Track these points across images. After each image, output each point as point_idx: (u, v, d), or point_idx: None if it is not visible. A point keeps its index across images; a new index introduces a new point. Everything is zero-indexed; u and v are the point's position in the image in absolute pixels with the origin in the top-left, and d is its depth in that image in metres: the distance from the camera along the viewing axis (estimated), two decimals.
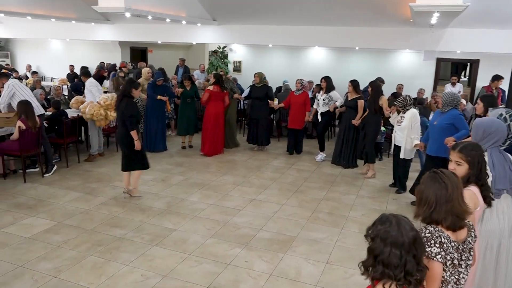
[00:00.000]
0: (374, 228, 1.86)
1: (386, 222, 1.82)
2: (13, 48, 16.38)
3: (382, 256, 1.77)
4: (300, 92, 8.14)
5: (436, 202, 2.03)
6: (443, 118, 5.21)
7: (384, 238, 1.78)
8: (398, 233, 1.76)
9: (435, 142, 5.24)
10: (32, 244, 4.34)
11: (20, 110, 6.13)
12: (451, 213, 2.03)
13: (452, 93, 5.23)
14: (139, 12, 8.09)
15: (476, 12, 7.86)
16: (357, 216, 5.39)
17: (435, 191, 2.04)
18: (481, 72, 10.61)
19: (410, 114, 6.00)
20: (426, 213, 2.07)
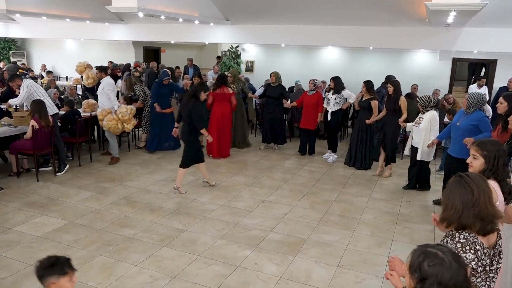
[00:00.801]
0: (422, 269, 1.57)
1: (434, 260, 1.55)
2: (29, 48, 16.63)
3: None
4: (313, 93, 8.06)
5: (462, 207, 1.99)
6: (468, 120, 5.08)
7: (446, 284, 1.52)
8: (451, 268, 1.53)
9: (458, 143, 5.10)
10: (43, 243, 4.37)
11: (33, 109, 6.19)
12: (479, 217, 1.97)
13: (478, 94, 5.09)
14: (152, 12, 8.11)
15: (494, 11, 7.67)
16: (369, 218, 5.29)
17: (461, 196, 2.00)
18: (498, 73, 10.37)
19: (429, 115, 5.90)
20: (453, 218, 2.01)
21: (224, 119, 7.86)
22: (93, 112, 7.68)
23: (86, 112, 7.75)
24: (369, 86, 7.26)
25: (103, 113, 7.15)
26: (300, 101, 8.21)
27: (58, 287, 2.03)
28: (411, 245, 4.55)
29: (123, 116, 7.14)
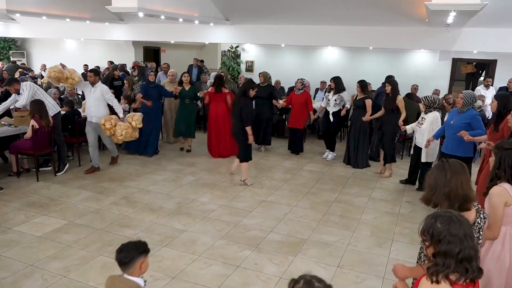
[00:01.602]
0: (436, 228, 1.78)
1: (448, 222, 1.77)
2: (29, 48, 16.63)
3: (464, 253, 1.72)
4: (301, 92, 8.13)
5: (436, 186, 2.27)
6: (461, 118, 5.21)
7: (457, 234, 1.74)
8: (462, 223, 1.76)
9: (451, 141, 5.27)
10: (43, 243, 4.37)
11: (33, 109, 6.18)
12: (448, 197, 2.24)
13: (472, 93, 5.21)
14: (152, 12, 8.11)
15: (494, 11, 7.68)
16: (369, 219, 5.29)
17: (436, 177, 2.29)
18: (498, 73, 10.37)
19: (432, 116, 5.95)
20: (427, 196, 2.32)
21: (220, 119, 7.80)
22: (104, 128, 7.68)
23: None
24: (363, 85, 7.35)
25: (112, 122, 6.54)
26: (289, 100, 8.28)
27: (145, 264, 2.30)
28: (411, 245, 4.56)
29: (137, 123, 6.77)
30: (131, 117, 6.81)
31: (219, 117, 7.82)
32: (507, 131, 4.49)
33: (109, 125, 6.51)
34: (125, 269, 2.27)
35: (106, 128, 6.51)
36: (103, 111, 6.65)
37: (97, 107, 6.61)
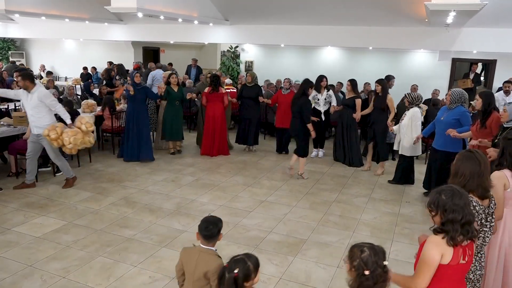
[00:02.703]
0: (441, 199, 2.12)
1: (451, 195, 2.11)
2: (28, 48, 16.62)
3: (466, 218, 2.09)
4: (288, 92, 8.14)
5: (470, 176, 2.50)
6: (450, 114, 5.49)
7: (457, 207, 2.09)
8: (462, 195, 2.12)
9: (441, 137, 5.55)
10: (42, 243, 4.35)
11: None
12: (481, 186, 2.50)
13: (460, 91, 5.52)
14: (151, 12, 8.10)
15: (494, 11, 7.68)
16: (369, 219, 5.29)
17: (470, 167, 2.51)
18: (498, 73, 10.38)
19: (411, 112, 6.20)
20: (460, 184, 2.45)
21: (217, 119, 7.80)
22: (92, 113, 7.66)
23: (86, 112, 7.73)
24: (354, 84, 7.49)
25: (57, 130, 5.57)
26: (275, 99, 8.29)
27: (220, 237, 2.62)
28: (411, 245, 4.55)
29: (88, 127, 5.84)
30: (79, 120, 5.90)
31: (217, 117, 7.79)
32: (495, 127, 4.69)
33: (54, 135, 5.53)
34: (210, 241, 2.53)
35: (51, 139, 5.55)
36: (47, 120, 5.66)
37: (38, 116, 5.63)
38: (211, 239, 2.53)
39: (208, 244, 2.54)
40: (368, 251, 1.95)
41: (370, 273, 1.92)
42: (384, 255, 1.98)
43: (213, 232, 2.52)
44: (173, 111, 7.87)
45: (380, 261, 1.94)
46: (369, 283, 1.92)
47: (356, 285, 1.96)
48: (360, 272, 1.94)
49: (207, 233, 2.51)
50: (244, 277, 2.14)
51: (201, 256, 2.50)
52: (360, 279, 1.94)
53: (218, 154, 7.98)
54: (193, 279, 2.50)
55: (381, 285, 1.95)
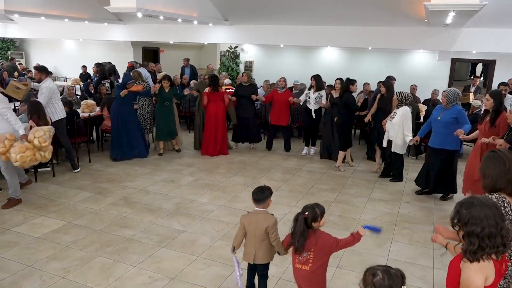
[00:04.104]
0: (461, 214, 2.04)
1: (469, 207, 2.02)
2: (27, 48, 16.61)
3: (486, 231, 1.96)
4: (283, 90, 8.26)
5: (497, 175, 2.53)
6: (447, 113, 5.61)
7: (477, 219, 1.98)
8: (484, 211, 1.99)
9: (439, 136, 5.70)
10: (42, 244, 4.35)
11: (31, 110, 6.16)
12: (510, 182, 2.51)
13: (455, 90, 5.67)
14: (151, 12, 8.10)
15: (493, 11, 7.69)
16: (368, 219, 5.29)
17: (495, 166, 2.54)
18: (497, 73, 10.38)
19: (402, 111, 6.33)
20: (490, 184, 2.55)
21: (219, 118, 7.86)
22: (92, 113, 7.66)
23: (85, 112, 7.72)
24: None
25: (6, 143, 4.96)
26: (269, 98, 8.38)
27: (270, 202, 3.25)
28: (410, 245, 4.55)
29: (41, 142, 5.13)
30: (33, 133, 5.17)
31: (218, 116, 7.84)
32: (503, 126, 4.78)
33: (1, 149, 4.94)
34: (260, 204, 3.20)
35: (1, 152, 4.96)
36: (4, 128, 5.14)
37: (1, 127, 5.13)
38: (260, 202, 3.19)
39: (260, 206, 3.21)
40: (381, 274, 1.83)
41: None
42: (403, 279, 1.83)
43: (260, 197, 3.19)
44: (163, 111, 7.86)
45: (396, 286, 1.80)
46: None
47: None
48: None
49: (256, 197, 3.20)
50: (312, 218, 2.89)
51: (259, 216, 3.19)
52: None
53: (219, 153, 8.01)
54: (255, 235, 3.18)
55: None
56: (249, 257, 3.28)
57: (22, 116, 6.79)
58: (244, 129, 8.44)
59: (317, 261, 2.91)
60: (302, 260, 2.93)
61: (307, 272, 2.92)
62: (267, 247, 3.23)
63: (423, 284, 3.87)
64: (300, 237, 2.85)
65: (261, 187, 3.27)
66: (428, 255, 4.35)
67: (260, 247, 3.21)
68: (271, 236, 3.19)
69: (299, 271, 2.95)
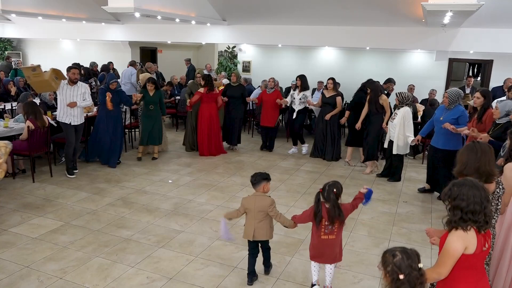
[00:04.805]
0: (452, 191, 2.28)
1: (460, 186, 2.26)
2: (25, 48, 16.55)
3: (468, 208, 2.20)
4: (272, 91, 8.28)
5: (467, 161, 2.81)
6: (450, 114, 5.63)
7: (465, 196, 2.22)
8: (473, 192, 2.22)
9: (442, 136, 5.71)
10: (39, 244, 4.34)
11: (28, 110, 6.15)
12: (477, 171, 2.76)
13: (457, 91, 5.66)
14: (149, 12, 8.08)
15: (490, 11, 7.70)
16: (366, 219, 5.29)
17: (467, 154, 2.84)
18: (494, 73, 10.40)
19: (403, 111, 6.35)
20: (459, 170, 2.83)
21: (214, 118, 7.84)
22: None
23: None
24: (335, 82, 7.77)
25: None
26: (260, 99, 8.40)
27: (267, 187, 3.68)
28: (408, 245, 4.52)
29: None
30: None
31: (212, 117, 7.81)
32: (489, 122, 5.04)
33: None
34: (256, 186, 3.63)
35: None
36: None
37: None
38: (255, 185, 3.63)
39: (257, 190, 3.64)
40: (400, 255, 1.96)
41: (405, 276, 1.93)
42: (419, 257, 1.99)
43: (253, 181, 3.63)
44: (148, 115, 7.49)
45: (414, 264, 1.95)
46: (405, 287, 1.93)
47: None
48: (395, 277, 1.94)
49: (251, 180, 3.67)
50: (339, 194, 3.35)
51: (257, 198, 3.63)
52: (396, 284, 1.94)
53: (218, 153, 8.02)
54: (255, 214, 3.60)
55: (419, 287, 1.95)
56: (248, 235, 3.65)
57: (19, 117, 6.80)
58: (230, 130, 8.39)
59: (340, 229, 3.42)
60: (329, 232, 3.36)
61: (333, 240, 3.39)
62: (265, 226, 3.63)
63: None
64: (336, 211, 3.27)
65: (256, 173, 3.69)
66: (426, 254, 4.35)
67: (258, 226, 3.61)
68: (272, 214, 3.61)
69: (326, 242, 3.38)
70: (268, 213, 3.59)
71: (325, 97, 7.67)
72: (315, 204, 3.35)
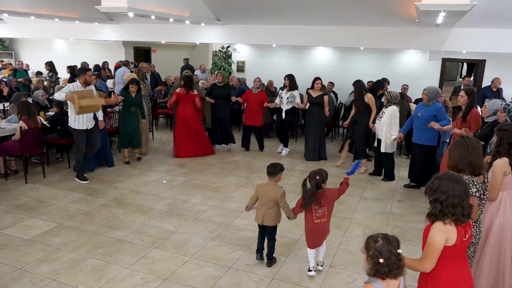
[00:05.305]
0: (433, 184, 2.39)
1: (441, 180, 2.37)
2: (17, 48, 16.42)
3: (447, 201, 2.31)
4: (258, 91, 8.31)
5: (460, 157, 2.91)
6: (427, 110, 5.92)
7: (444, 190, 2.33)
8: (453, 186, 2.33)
9: (419, 131, 6.05)
10: (32, 246, 4.30)
11: (21, 110, 6.10)
12: (470, 165, 2.89)
13: (435, 88, 5.99)
14: (142, 12, 8.04)
15: (483, 11, 7.75)
16: (360, 218, 5.31)
17: (459, 149, 2.92)
18: (487, 73, 10.48)
19: (390, 110, 6.47)
20: (453, 164, 2.93)
21: (189, 119, 7.64)
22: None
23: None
24: (322, 82, 7.81)
25: None
26: (245, 98, 8.41)
27: (280, 177, 3.95)
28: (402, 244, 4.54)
29: None
30: None
31: (190, 118, 7.67)
32: (473, 122, 5.17)
33: None
34: (272, 177, 3.89)
35: None
36: None
37: None
38: (273, 175, 3.89)
39: (272, 180, 3.90)
40: (381, 240, 2.14)
41: (385, 260, 2.10)
42: (398, 244, 2.16)
43: (273, 171, 3.89)
44: (128, 117, 7.24)
45: (394, 249, 2.13)
46: (384, 270, 2.10)
47: (372, 273, 2.14)
48: (376, 261, 2.12)
49: (269, 171, 3.90)
50: (321, 181, 3.64)
51: (270, 187, 3.89)
52: (376, 267, 2.12)
53: (199, 154, 7.86)
54: (266, 201, 3.86)
55: (396, 271, 2.13)
56: (258, 219, 3.96)
57: (12, 117, 6.74)
58: (219, 130, 8.37)
59: (330, 212, 3.80)
60: (320, 215, 3.73)
61: (325, 223, 3.79)
62: (273, 213, 3.90)
63: (414, 282, 3.87)
64: (311, 196, 3.63)
65: (274, 163, 3.97)
66: (420, 253, 4.36)
67: (268, 213, 3.89)
68: (281, 204, 3.87)
69: (318, 225, 3.75)
70: (278, 203, 3.85)
71: (312, 97, 7.68)
72: (302, 189, 3.72)
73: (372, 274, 2.15)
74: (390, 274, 2.12)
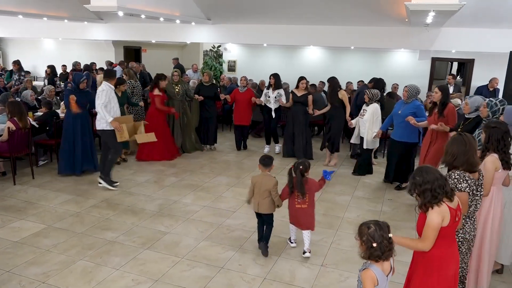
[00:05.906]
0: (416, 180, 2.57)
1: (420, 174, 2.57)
2: (5, 48, 16.22)
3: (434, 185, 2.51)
4: (245, 89, 8.31)
5: (458, 153, 2.96)
6: (407, 108, 6.03)
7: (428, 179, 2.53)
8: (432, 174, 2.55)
9: (399, 129, 6.16)
10: (20, 248, 4.24)
11: (12, 110, 6.01)
12: (467, 162, 2.96)
13: (415, 87, 6.14)
14: (132, 11, 7.99)
15: (472, 11, 7.84)
16: (352, 217, 5.33)
17: (458, 146, 2.97)
18: (476, 72, 10.59)
19: (372, 108, 6.66)
20: (450, 161, 3.01)
21: (153, 121, 7.21)
22: None
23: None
24: (307, 81, 7.84)
25: None
26: (233, 97, 8.38)
27: (273, 167, 4.27)
28: None
29: None
30: None
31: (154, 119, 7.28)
32: (451, 116, 5.39)
33: None
34: (266, 168, 4.16)
35: None
36: None
37: None
38: (267, 166, 4.17)
39: (266, 170, 4.18)
40: (373, 226, 2.33)
41: (378, 244, 2.30)
42: (389, 229, 2.37)
43: (267, 162, 4.17)
44: None
45: (385, 234, 2.33)
46: (378, 253, 2.31)
47: (367, 256, 2.35)
48: (369, 245, 2.31)
49: (263, 162, 4.17)
50: (304, 170, 4.04)
51: (264, 178, 4.16)
52: (370, 251, 2.32)
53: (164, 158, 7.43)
54: (260, 192, 4.13)
55: (388, 254, 2.34)
56: (254, 207, 4.23)
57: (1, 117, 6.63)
58: (205, 130, 8.30)
59: (311, 199, 4.17)
60: (301, 201, 4.13)
61: (306, 209, 4.15)
62: (268, 202, 4.17)
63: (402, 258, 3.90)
64: (300, 185, 4.02)
65: (267, 155, 4.29)
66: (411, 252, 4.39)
67: (262, 202, 4.16)
68: (273, 193, 4.14)
69: (300, 210, 4.16)
70: (270, 192, 4.11)
71: (297, 96, 7.68)
72: (288, 177, 4.13)
73: (367, 257, 2.35)
74: (382, 256, 2.32)
